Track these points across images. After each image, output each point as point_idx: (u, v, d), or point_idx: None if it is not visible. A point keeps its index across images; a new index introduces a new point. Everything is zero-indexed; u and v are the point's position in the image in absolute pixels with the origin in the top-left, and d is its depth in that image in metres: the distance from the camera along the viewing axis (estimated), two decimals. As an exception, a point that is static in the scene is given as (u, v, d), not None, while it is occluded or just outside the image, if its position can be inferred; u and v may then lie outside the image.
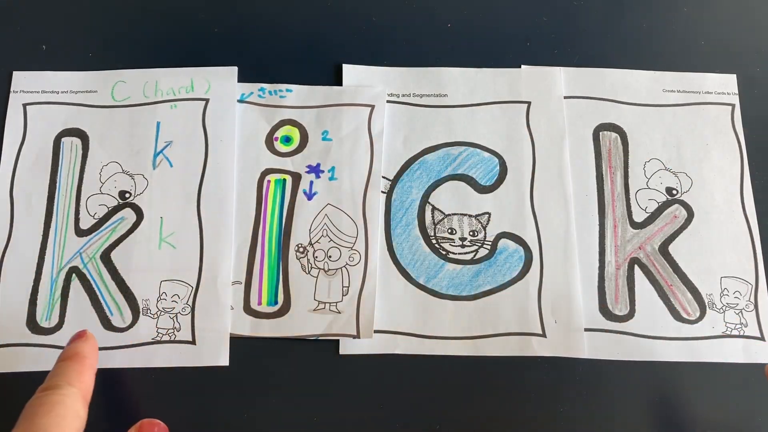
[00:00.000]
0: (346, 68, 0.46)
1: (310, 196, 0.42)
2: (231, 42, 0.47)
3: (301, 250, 0.41)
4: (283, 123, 0.44)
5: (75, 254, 0.42)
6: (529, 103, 0.46)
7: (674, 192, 0.45)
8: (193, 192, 0.43)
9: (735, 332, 0.42)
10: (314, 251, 0.41)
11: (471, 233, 0.44)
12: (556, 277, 0.43)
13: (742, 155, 0.46)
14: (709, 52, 0.49)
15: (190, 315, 0.40)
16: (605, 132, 0.46)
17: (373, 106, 0.44)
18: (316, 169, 0.43)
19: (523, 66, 0.47)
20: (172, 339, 0.40)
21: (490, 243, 0.43)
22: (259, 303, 0.40)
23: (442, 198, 0.44)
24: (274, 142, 0.44)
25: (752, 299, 0.43)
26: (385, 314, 0.42)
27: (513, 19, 0.49)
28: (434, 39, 0.48)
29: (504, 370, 0.41)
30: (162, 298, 0.41)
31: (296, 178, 0.43)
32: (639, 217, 0.45)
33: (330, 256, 0.41)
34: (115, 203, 0.43)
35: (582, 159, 0.46)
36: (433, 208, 0.44)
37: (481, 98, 0.47)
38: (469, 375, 0.41)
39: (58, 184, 0.43)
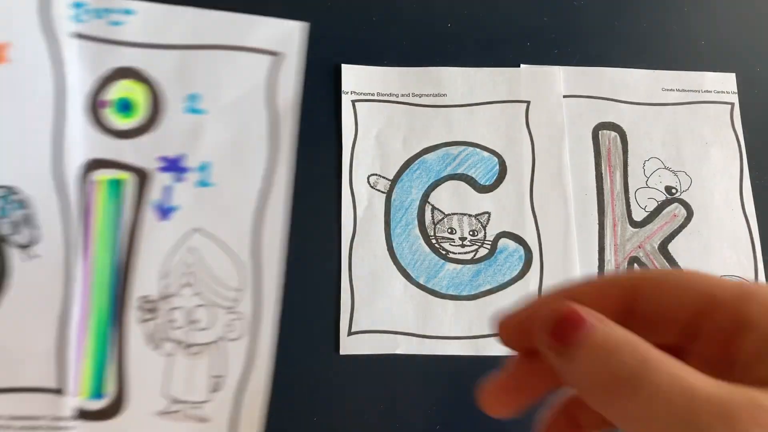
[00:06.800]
0: (345, 68, 0.46)
1: (165, 212, 0.26)
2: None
3: (147, 307, 0.25)
4: (118, 74, 0.25)
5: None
6: (528, 102, 0.46)
7: (674, 191, 0.45)
8: None
9: (734, 331, 0.42)
10: (169, 309, 0.25)
11: (471, 233, 0.44)
12: (556, 276, 0.43)
13: (742, 154, 0.46)
14: (709, 51, 0.49)
15: None
16: (604, 131, 0.47)
17: (278, 55, 0.28)
18: (176, 165, 0.26)
19: (522, 65, 0.47)
20: None
21: (490, 243, 0.43)
22: (77, 393, 0.24)
23: (441, 198, 0.44)
24: (101, 110, 0.26)
25: (752, 298, 0.43)
26: (386, 314, 0.42)
27: (513, 19, 0.49)
28: (434, 39, 0.48)
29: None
30: None
31: (141, 178, 0.26)
32: (638, 216, 0.45)
33: (195, 321, 0.25)
34: None
35: (581, 158, 0.46)
36: (433, 208, 0.44)
37: (481, 98, 0.47)
38: (469, 375, 0.41)
39: None
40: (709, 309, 0.20)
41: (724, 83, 0.48)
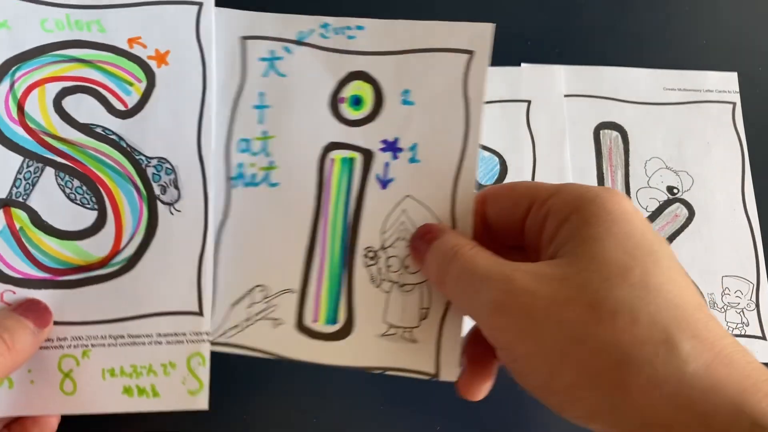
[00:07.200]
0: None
1: (384, 183, 0.32)
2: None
3: (370, 255, 0.32)
4: (352, 77, 0.32)
5: None
6: (529, 101, 0.46)
7: (675, 191, 0.45)
8: None
9: (736, 332, 0.42)
10: (387, 257, 0.31)
11: (471, 232, 0.44)
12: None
13: (743, 154, 0.46)
14: (710, 50, 0.49)
15: None
16: (606, 130, 0.46)
17: (471, 54, 0.32)
18: (393, 146, 0.32)
19: (523, 64, 0.47)
20: None
21: (490, 242, 0.43)
22: (315, 320, 0.32)
23: (442, 197, 0.44)
24: (340, 105, 0.32)
25: (753, 298, 0.43)
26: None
27: (513, 18, 0.49)
28: (434, 38, 0.48)
29: (504, 370, 0.41)
30: None
31: (367, 157, 0.32)
32: (640, 216, 0.45)
33: (407, 267, 0.31)
34: None
35: (583, 158, 0.46)
36: (433, 208, 0.44)
37: (481, 97, 0.46)
38: (469, 375, 0.41)
39: None
40: (531, 207, 0.25)
41: (725, 83, 0.48)
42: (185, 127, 0.33)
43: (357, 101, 0.32)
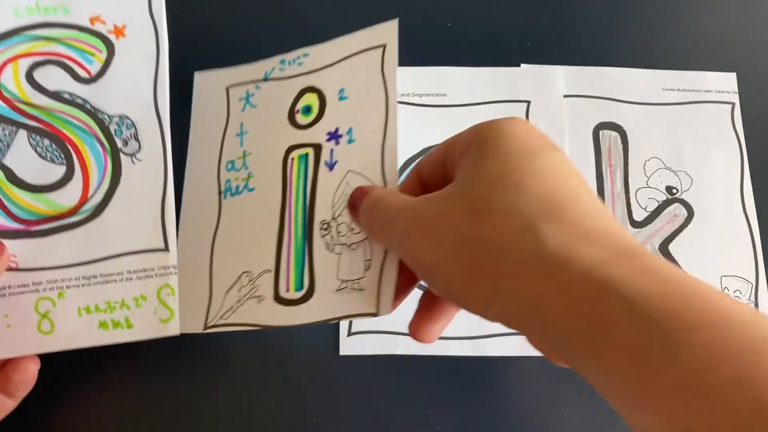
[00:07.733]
0: (346, 68, 0.47)
1: (331, 166, 0.38)
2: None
3: (324, 226, 0.37)
4: (303, 92, 0.40)
5: None
6: (528, 102, 0.46)
7: (674, 191, 0.45)
8: None
9: (735, 331, 0.42)
10: (337, 225, 0.36)
11: (471, 233, 0.44)
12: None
13: (742, 154, 0.46)
14: (710, 50, 0.49)
15: None
16: (605, 131, 0.46)
17: (384, 46, 0.38)
18: (335, 135, 0.38)
19: (522, 65, 0.47)
20: None
21: (490, 242, 0.44)
22: (287, 290, 0.36)
23: (441, 198, 0.44)
24: (296, 116, 0.39)
25: (752, 298, 0.43)
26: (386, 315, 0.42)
27: (513, 19, 0.49)
28: (434, 39, 0.48)
29: (504, 370, 0.41)
30: None
31: (317, 149, 0.38)
32: (639, 216, 0.45)
33: (353, 228, 0.36)
34: None
35: (582, 158, 0.46)
36: (433, 208, 0.44)
37: (481, 98, 0.47)
38: (469, 375, 0.41)
39: None
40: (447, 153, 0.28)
41: (724, 83, 0.48)
42: (142, 87, 0.38)
43: (307, 109, 0.39)
